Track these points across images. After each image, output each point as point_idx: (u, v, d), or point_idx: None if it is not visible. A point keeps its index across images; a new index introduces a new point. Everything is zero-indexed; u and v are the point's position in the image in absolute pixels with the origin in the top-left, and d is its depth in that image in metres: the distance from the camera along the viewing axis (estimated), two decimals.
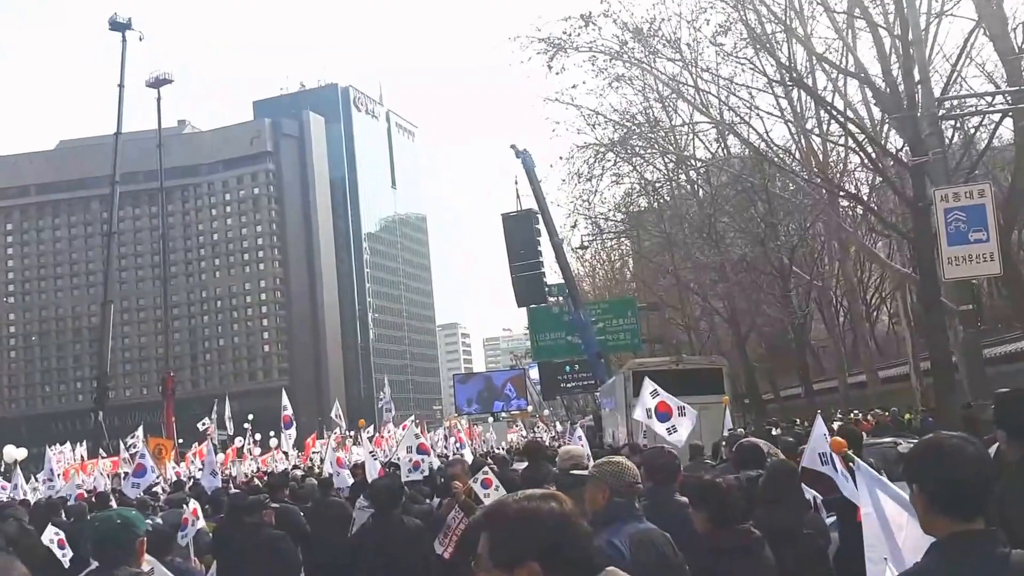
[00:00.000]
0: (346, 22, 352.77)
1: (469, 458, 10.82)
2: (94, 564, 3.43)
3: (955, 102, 14.24)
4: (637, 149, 24.12)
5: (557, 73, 18.87)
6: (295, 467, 17.15)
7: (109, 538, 3.27)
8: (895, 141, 16.26)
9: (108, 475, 20.19)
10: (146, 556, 3.46)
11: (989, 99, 14.85)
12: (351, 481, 10.30)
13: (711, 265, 24.23)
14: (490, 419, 54.12)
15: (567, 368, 41.98)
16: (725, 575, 3.76)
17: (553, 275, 33.16)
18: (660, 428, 8.22)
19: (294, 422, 20.51)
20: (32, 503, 12.89)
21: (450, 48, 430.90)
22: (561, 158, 24.19)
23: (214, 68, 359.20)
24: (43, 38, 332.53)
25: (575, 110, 21.82)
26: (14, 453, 21.40)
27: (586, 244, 35.12)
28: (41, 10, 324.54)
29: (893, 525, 3.50)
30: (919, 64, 12.10)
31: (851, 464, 4.17)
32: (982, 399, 10.45)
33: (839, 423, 11.69)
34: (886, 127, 16.25)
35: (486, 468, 6.21)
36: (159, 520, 7.42)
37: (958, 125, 16.68)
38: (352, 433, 25.94)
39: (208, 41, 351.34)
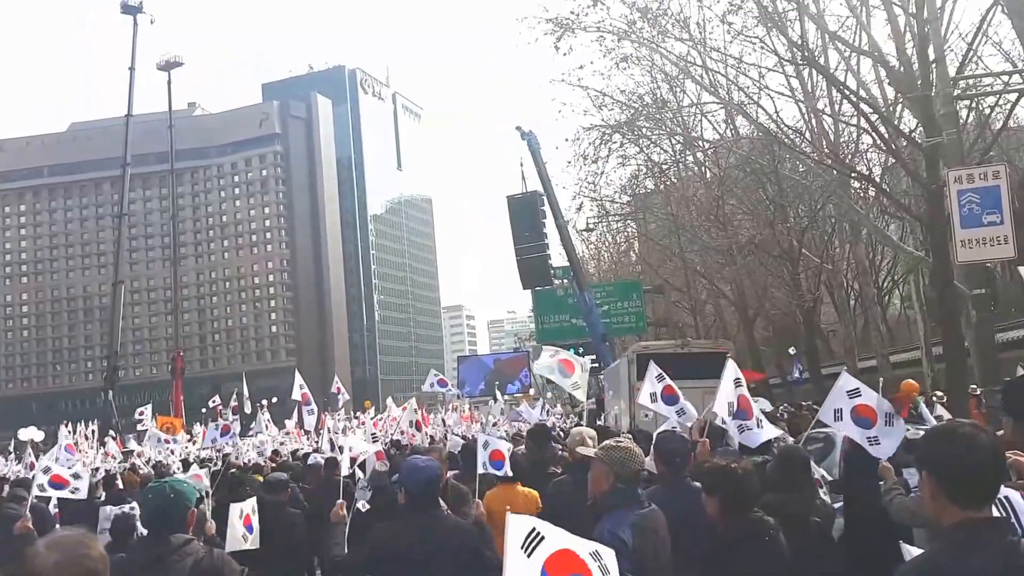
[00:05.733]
0: (354, 4, 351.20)
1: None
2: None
3: (970, 81, 13.91)
4: (644, 130, 23.84)
5: (564, 54, 18.65)
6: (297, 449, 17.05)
7: (161, 511, 3.35)
8: (908, 122, 15.92)
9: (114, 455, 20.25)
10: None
11: (1005, 78, 14.50)
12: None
13: (718, 248, 23.96)
14: (491, 402, 54.05)
15: (571, 350, 41.79)
16: (735, 562, 3.67)
17: (558, 257, 32.95)
18: (669, 411, 8.09)
19: (311, 401, 20.18)
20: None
21: (457, 30, 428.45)
22: (567, 140, 24.07)
23: (223, 51, 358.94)
24: (55, 21, 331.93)
25: (582, 92, 21.60)
26: (31, 434, 21.51)
27: (592, 226, 34.97)
28: None
29: None
30: (934, 43, 11.78)
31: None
32: (993, 384, 10.24)
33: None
34: (899, 107, 15.90)
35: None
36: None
37: (973, 105, 16.34)
38: (357, 415, 25.78)
39: (217, 24, 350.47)
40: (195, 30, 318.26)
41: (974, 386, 11.69)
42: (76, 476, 6.35)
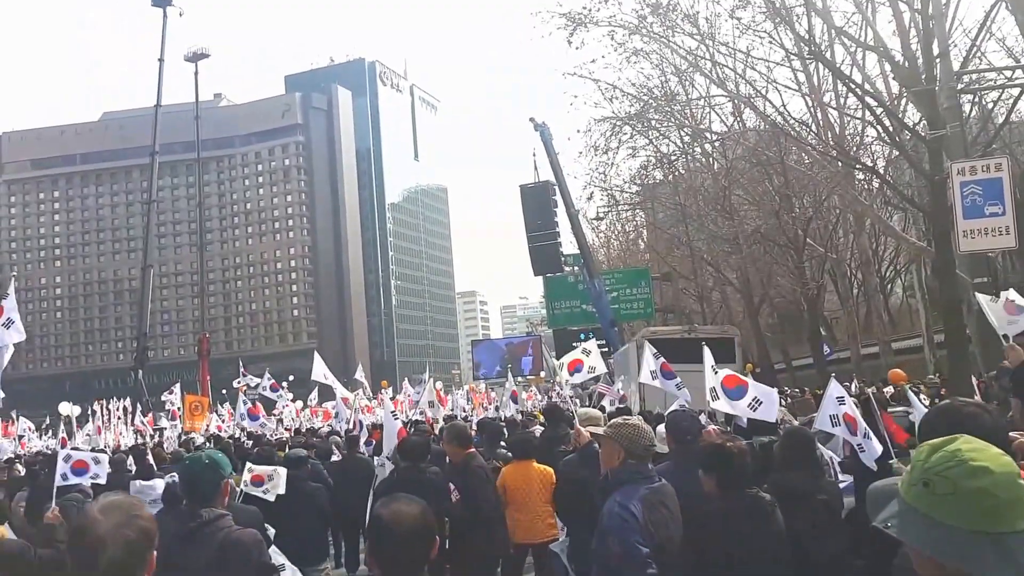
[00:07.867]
0: None
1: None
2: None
3: (974, 76, 13.73)
4: (653, 122, 23.72)
5: (577, 48, 18.60)
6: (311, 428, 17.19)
7: (197, 478, 3.36)
8: (912, 115, 15.76)
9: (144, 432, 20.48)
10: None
11: (1008, 73, 14.31)
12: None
13: (725, 237, 23.84)
14: (507, 383, 54.08)
15: (581, 336, 41.77)
16: (731, 537, 3.67)
17: (569, 245, 32.90)
18: (669, 386, 8.20)
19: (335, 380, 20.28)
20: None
21: (472, 24, 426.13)
22: (579, 131, 23.99)
23: (248, 43, 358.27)
24: (88, 14, 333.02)
25: (593, 84, 21.51)
26: (68, 409, 21.91)
27: (601, 215, 34.91)
28: None
29: None
30: (939, 38, 11.64)
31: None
32: (995, 371, 10.14)
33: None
34: (903, 101, 15.73)
35: None
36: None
37: (976, 99, 16.14)
38: (374, 395, 25.90)
39: (243, 17, 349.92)
40: (221, 23, 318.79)
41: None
42: (96, 461, 6.38)
